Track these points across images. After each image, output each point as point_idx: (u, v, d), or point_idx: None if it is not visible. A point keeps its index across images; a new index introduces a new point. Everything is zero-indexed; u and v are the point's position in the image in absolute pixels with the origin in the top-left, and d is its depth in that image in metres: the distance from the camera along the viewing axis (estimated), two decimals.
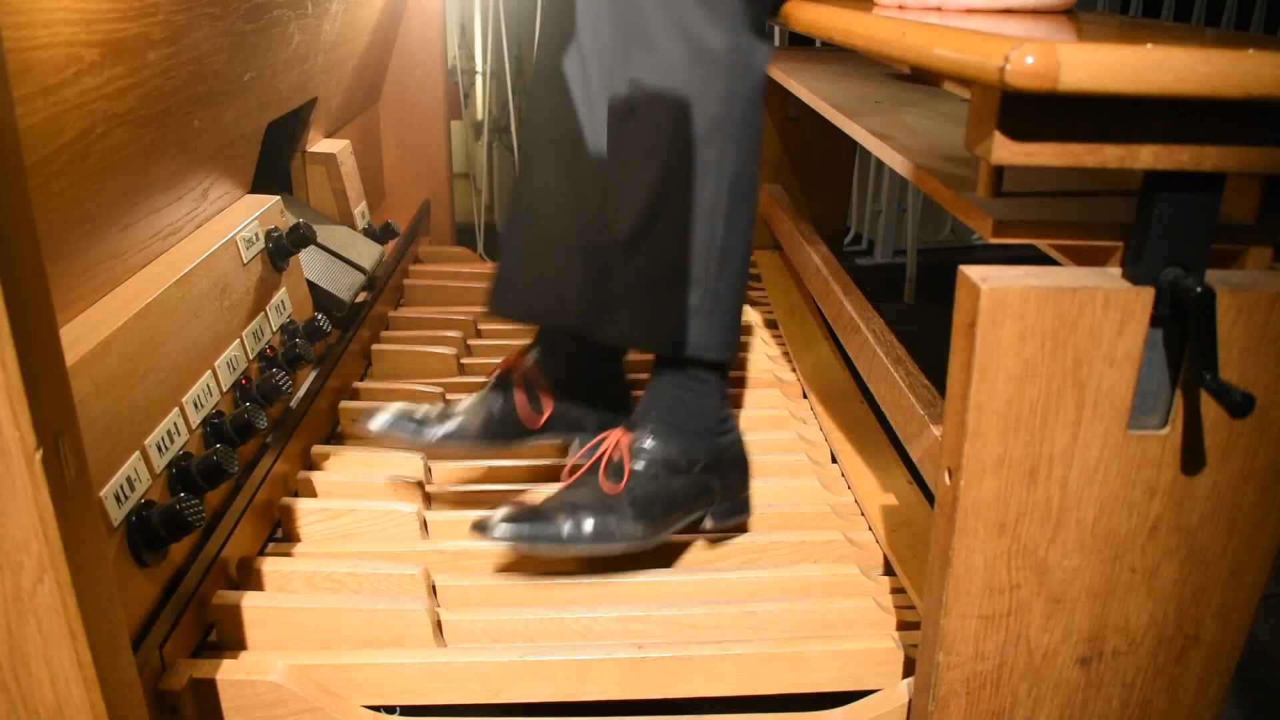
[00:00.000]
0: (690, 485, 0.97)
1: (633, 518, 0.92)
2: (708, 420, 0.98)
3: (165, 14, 0.85)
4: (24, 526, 0.51)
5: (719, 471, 0.99)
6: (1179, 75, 0.52)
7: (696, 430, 0.97)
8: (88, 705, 0.55)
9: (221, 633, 0.88)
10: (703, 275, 0.94)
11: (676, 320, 0.94)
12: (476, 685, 0.86)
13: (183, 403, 0.90)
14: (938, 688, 0.72)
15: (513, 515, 0.91)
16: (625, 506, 0.92)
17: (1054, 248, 0.81)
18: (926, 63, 0.63)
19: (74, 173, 0.76)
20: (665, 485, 0.95)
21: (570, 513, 0.92)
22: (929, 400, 0.91)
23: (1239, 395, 0.58)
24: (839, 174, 1.80)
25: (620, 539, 0.92)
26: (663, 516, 0.95)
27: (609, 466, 0.94)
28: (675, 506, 0.96)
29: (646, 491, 0.93)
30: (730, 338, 0.98)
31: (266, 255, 1.14)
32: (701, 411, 0.98)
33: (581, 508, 0.92)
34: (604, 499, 0.92)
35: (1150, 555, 0.68)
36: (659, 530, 0.95)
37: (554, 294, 1.01)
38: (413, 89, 1.94)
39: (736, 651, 0.87)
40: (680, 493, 0.96)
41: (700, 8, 0.88)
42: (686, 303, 0.94)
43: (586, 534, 0.91)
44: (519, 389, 1.05)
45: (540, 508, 0.92)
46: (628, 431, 0.96)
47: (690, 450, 0.96)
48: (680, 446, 0.96)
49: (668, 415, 0.97)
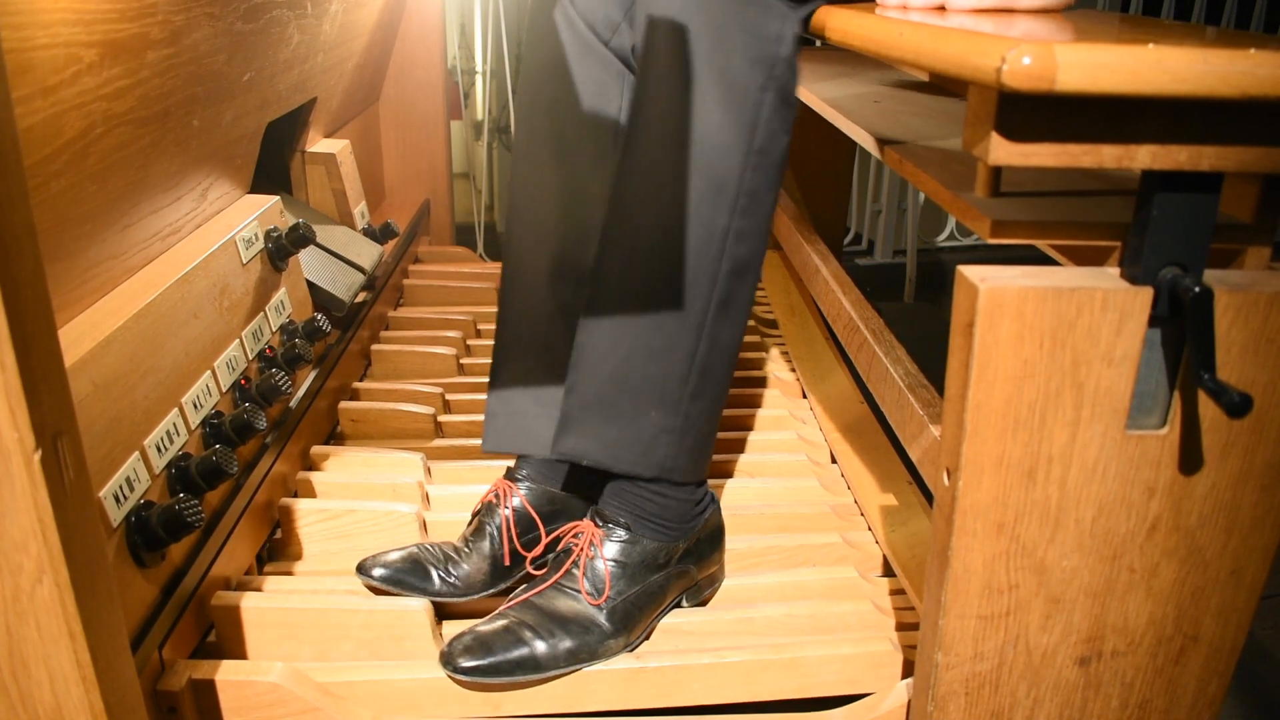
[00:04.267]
0: (669, 577, 0.90)
1: (612, 631, 0.85)
2: (684, 507, 0.91)
3: (164, 14, 0.85)
4: (23, 527, 0.51)
5: (697, 554, 0.93)
6: (1176, 75, 0.52)
7: (673, 520, 0.90)
8: (87, 706, 0.55)
9: (221, 633, 0.88)
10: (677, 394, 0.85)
11: (642, 439, 0.86)
12: (478, 699, 0.85)
13: (182, 403, 0.90)
14: (937, 688, 0.72)
15: (474, 645, 0.82)
16: (604, 619, 0.85)
17: (1052, 248, 0.81)
18: (923, 63, 0.63)
19: (73, 173, 0.76)
20: (644, 587, 0.88)
21: (543, 631, 0.83)
22: (928, 400, 0.91)
23: (1237, 395, 0.58)
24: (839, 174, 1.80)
25: (601, 655, 0.85)
26: (642, 619, 0.88)
27: (587, 575, 0.87)
28: (654, 604, 0.89)
29: (625, 597, 0.87)
30: (702, 462, 0.91)
31: (266, 255, 1.14)
32: (678, 500, 0.91)
33: (552, 629, 0.84)
34: (579, 611, 0.85)
35: (1149, 555, 0.68)
36: (639, 634, 0.89)
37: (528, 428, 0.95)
38: (413, 89, 1.94)
39: (735, 659, 0.87)
40: (658, 588, 0.89)
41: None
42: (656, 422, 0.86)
43: (563, 654, 0.83)
44: (507, 525, 0.96)
45: (506, 629, 0.83)
46: (598, 528, 0.89)
47: (668, 543, 0.90)
48: (657, 542, 0.89)
49: (640, 509, 0.89)
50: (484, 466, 1.18)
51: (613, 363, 0.85)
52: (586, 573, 0.87)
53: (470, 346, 1.52)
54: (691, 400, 0.86)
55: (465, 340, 1.52)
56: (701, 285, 0.83)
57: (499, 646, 0.82)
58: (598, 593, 0.86)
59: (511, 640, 0.83)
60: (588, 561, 0.87)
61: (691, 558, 0.93)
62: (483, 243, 2.44)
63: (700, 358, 0.85)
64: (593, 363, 0.86)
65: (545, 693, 0.86)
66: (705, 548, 0.94)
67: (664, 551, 0.89)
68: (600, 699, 0.87)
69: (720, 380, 0.88)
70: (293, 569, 1.01)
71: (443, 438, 1.27)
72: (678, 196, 0.81)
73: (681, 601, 0.95)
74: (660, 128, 0.81)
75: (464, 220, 2.44)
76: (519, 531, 0.95)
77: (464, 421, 1.29)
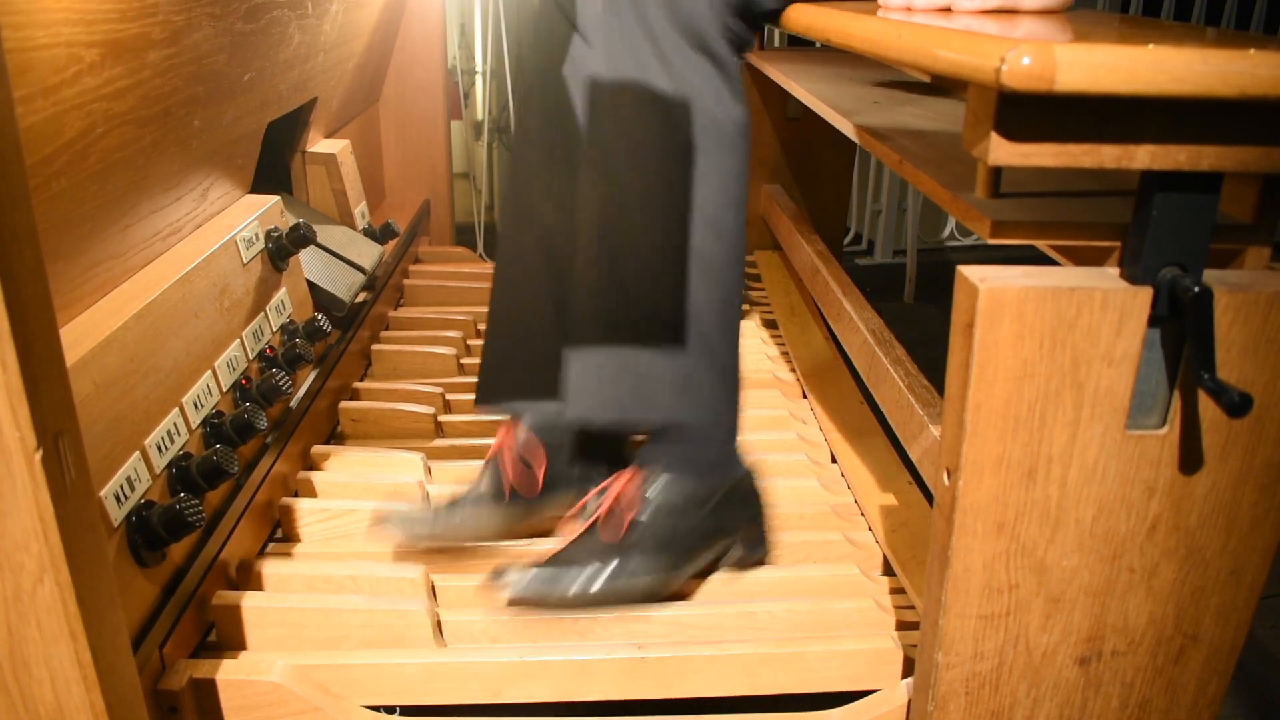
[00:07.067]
0: (703, 525, 0.94)
1: (645, 567, 0.91)
2: (716, 456, 0.96)
3: (165, 14, 0.85)
4: (24, 527, 0.51)
5: (732, 508, 0.97)
6: (1175, 75, 0.52)
7: (705, 467, 0.95)
8: (88, 705, 0.56)
9: (221, 633, 0.88)
10: (670, 349, 0.90)
11: (647, 395, 0.91)
12: (476, 686, 0.86)
13: (183, 403, 0.90)
14: (937, 688, 0.72)
15: (527, 575, 0.90)
16: (636, 555, 0.91)
17: (1052, 248, 0.81)
18: (923, 64, 0.63)
19: (74, 173, 0.76)
20: (676, 528, 0.92)
21: (581, 566, 0.90)
22: (928, 400, 0.91)
23: (1236, 395, 0.58)
24: (839, 174, 1.80)
25: (633, 590, 0.90)
26: (677, 560, 0.93)
27: (612, 515, 0.92)
28: (689, 548, 0.94)
29: (658, 537, 0.92)
30: (719, 405, 0.94)
31: (266, 255, 1.14)
32: (708, 448, 0.95)
33: (592, 559, 0.90)
34: (612, 548, 0.91)
35: (1149, 555, 0.68)
36: (674, 575, 0.93)
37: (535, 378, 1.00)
38: (413, 89, 1.94)
39: (736, 652, 0.87)
40: (693, 534, 0.94)
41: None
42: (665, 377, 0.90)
43: (598, 588, 0.89)
44: (511, 463, 1.01)
45: (549, 563, 0.91)
46: (635, 474, 0.94)
47: (700, 489, 0.94)
48: (689, 487, 0.93)
49: (673, 455, 0.94)
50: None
51: (606, 330, 0.90)
52: (612, 519, 0.93)
53: (470, 346, 1.52)
54: (685, 351, 0.90)
55: (465, 340, 1.52)
56: (672, 242, 0.88)
57: (548, 578, 0.90)
58: (634, 531, 0.91)
59: (559, 572, 0.90)
60: (628, 503, 0.93)
61: (727, 511, 0.96)
62: (483, 243, 2.44)
63: (685, 313, 0.89)
64: (588, 334, 0.90)
65: (545, 681, 0.86)
66: (739, 505, 0.98)
67: (695, 498, 0.93)
68: (600, 688, 0.87)
69: (716, 329, 0.91)
70: (293, 569, 1.01)
71: (443, 437, 1.27)
72: (634, 163, 0.86)
73: (720, 563, 0.99)
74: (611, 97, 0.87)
75: (464, 220, 2.44)
76: (527, 459, 1.01)
77: (464, 421, 1.29)
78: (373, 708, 0.85)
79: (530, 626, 0.91)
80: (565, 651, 0.87)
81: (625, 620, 0.91)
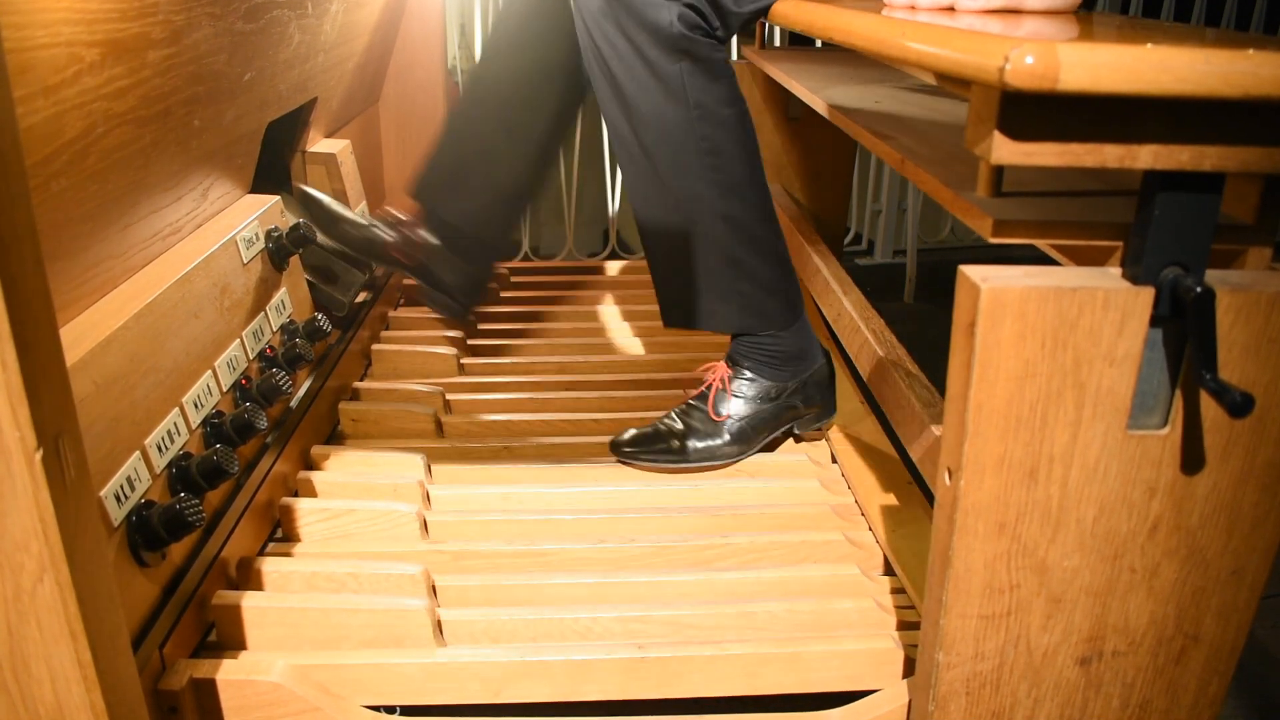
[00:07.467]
0: (779, 408, 1.19)
1: (731, 440, 1.18)
2: (791, 354, 1.18)
3: (165, 14, 0.85)
4: (24, 526, 0.51)
5: (804, 394, 1.20)
6: (1178, 75, 0.52)
7: (782, 363, 1.18)
8: (88, 705, 0.55)
9: (221, 633, 0.88)
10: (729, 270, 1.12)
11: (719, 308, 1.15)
12: (476, 685, 0.86)
13: (183, 403, 0.90)
14: (938, 688, 0.72)
15: (633, 437, 1.18)
16: (725, 431, 1.17)
17: (1054, 248, 0.81)
18: (926, 63, 0.63)
19: (74, 173, 0.76)
20: (758, 411, 1.18)
21: (682, 437, 1.17)
22: (929, 400, 0.91)
23: (1238, 395, 0.58)
24: (839, 174, 1.80)
25: (720, 458, 1.18)
26: (754, 436, 1.19)
27: (716, 397, 1.18)
28: (765, 426, 1.20)
29: (743, 418, 1.18)
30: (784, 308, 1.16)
31: (266, 255, 1.14)
32: (785, 350, 1.18)
33: (690, 432, 1.17)
34: (709, 425, 1.17)
35: (1150, 555, 0.68)
36: (751, 447, 1.20)
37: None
38: (413, 89, 1.94)
39: (736, 651, 0.87)
40: (770, 415, 1.19)
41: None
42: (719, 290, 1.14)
43: (694, 453, 1.17)
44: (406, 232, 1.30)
45: (656, 430, 1.18)
46: (728, 368, 1.19)
47: (778, 382, 1.18)
48: (768, 381, 1.18)
49: (756, 355, 1.18)
50: (484, 468, 1.18)
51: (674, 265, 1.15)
52: (717, 398, 1.19)
53: (470, 346, 1.52)
54: (742, 267, 1.12)
55: (465, 340, 1.52)
56: (694, 177, 1.09)
57: (650, 438, 1.18)
58: (723, 413, 1.18)
59: (660, 436, 1.18)
60: (718, 391, 1.19)
61: (799, 395, 1.20)
62: None
63: (732, 235, 1.11)
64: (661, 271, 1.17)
65: (545, 681, 0.86)
66: (812, 390, 1.21)
67: (775, 388, 1.19)
68: (600, 688, 0.87)
69: (759, 246, 1.13)
70: (293, 568, 1.01)
71: (443, 438, 1.27)
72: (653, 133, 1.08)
73: (794, 430, 1.24)
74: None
75: None
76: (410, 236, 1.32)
77: (464, 421, 1.29)
78: (373, 708, 0.85)
79: (530, 626, 0.91)
80: (565, 651, 0.87)
81: (625, 620, 0.91)
